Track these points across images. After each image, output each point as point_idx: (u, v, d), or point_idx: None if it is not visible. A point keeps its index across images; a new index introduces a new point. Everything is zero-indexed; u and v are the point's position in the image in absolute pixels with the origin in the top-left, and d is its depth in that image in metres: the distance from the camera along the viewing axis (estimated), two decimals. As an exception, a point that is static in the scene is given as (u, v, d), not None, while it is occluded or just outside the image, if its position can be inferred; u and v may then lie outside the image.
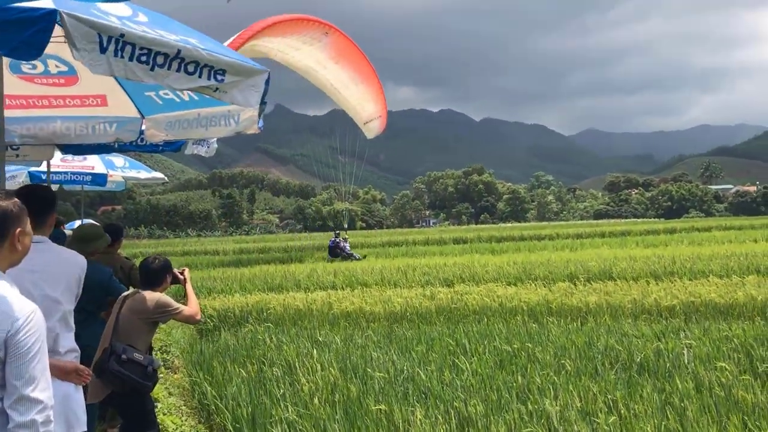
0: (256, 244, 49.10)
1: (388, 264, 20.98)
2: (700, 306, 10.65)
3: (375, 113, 27.81)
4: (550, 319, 10.42)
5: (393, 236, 54.93)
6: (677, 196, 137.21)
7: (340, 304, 11.90)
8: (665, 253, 21.10)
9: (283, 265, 24.90)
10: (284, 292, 14.72)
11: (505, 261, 19.78)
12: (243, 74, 3.64)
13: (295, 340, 9.12)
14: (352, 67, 26.64)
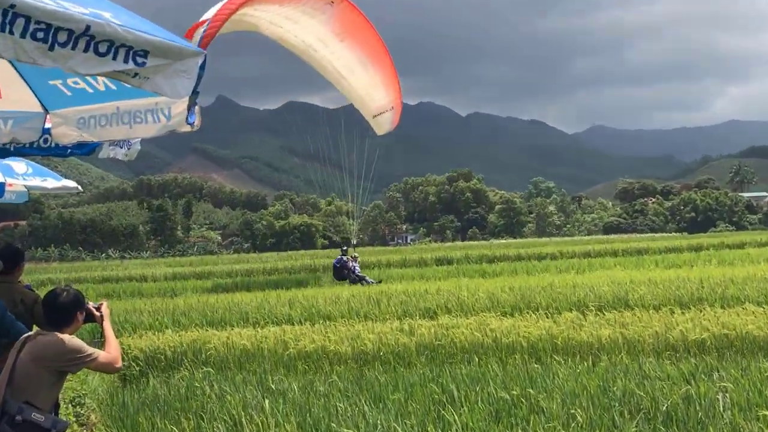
0: (194, 267, 48.62)
1: (357, 292, 20.85)
2: (736, 340, 10.70)
3: (387, 104, 27.71)
4: (556, 358, 10.38)
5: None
6: (702, 205, 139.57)
7: (297, 342, 11.74)
8: (691, 275, 21.29)
9: (227, 294, 24.61)
10: (228, 328, 14.50)
11: (499, 286, 19.76)
12: (170, 56, 3.49)
13: (241, 389, 8.95)
14: (360, 46, 26.41)
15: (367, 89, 26.85)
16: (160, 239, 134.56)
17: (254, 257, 73.00)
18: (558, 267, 32.79)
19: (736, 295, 15.33)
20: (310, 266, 42.58)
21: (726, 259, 32.95)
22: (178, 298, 24.56)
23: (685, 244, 49.02)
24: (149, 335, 13.64)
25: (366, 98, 27.10)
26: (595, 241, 72.94)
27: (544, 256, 43.74)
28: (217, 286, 31.56)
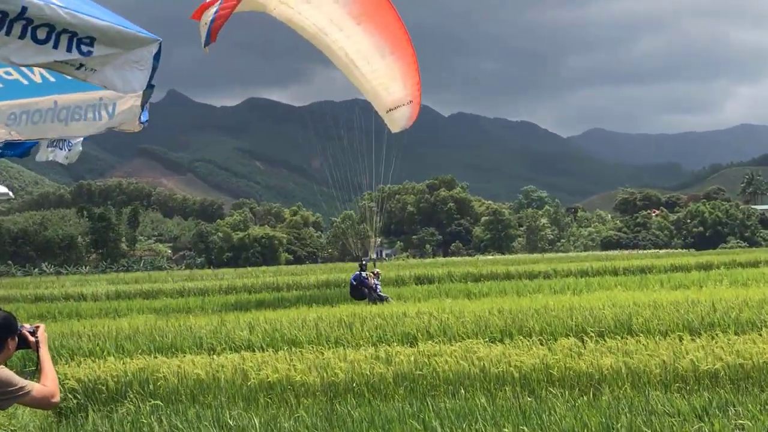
0: (140, 285, 48.20)
1: (326, 314, 20.75)
2: (753, 371, 10.75)
3: (405, 97, 27.58)
4: (552, 391, 10.37)
5: (331, 273, 54.61)
6: (711, 219, 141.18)
7: (258, 371, 11.64)
8: (700, 297, 21.47)
9: (179, 316, 24.42)
10: (179, 355, 14.36)
11: (486, 308, 19.78)
12: (121, 44, 3.41)
13: (195, 425, 8.85)
14: (379, 31, 26.23)
15: (383, 80, 26.68)
16: (102, 252, 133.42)
17: (209, 274, 72.57)
18: (552, 287, 32.92)
19: (752, 320, 15.46)
20: (273, 284, 42.39)
21: (739, 279, 33.28)
22: (121, 320, 24.33)
23: (693, 262, 49.49)
24: (89, 363, 13.46)
25: (380, 90, 26.94)
26: (593, 258, 73.39)
27: (536, 275, 43.89)
28: (167, 307, 31.30)
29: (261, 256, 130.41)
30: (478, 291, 32.42)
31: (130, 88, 3.65)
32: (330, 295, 33.77)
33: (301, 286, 41.87)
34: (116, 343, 16.14)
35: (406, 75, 26.69)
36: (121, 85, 3.58)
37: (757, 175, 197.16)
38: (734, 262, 49.09)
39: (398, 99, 27.23)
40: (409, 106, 27.73)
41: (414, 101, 27.69)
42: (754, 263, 48.60)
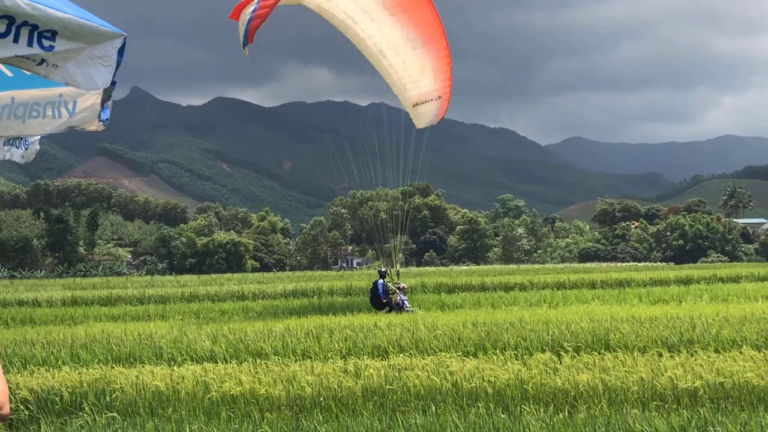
0: (98, 291, 47.73)
1: (294, 324, 20.67)
2: (733, 390, 10.84)
3: (434, 91, 27.36)
4: (526, 408, 10.38)
5: (300, 282, 54.41)
6: (692, 232, 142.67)
7: (221, 384, 11.55)
8: (680, 312, 21.63)
9: (138, 324, 24.21)
10: (138, 366, 14.21)
11: (460, 321, 19.78)
12: (84, 38, 3.36)
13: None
14: (412, 23, 26.04)
15: (412, 72, 26.52)
16: (59, 256, 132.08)
17: (171, 280, 72.07)
18: (528, 299, 33.04)
19: (732, 337, 15.58)
20: (238, 293, 42.18)
21: (719, 294, 33.59)
22: (78, 327, 24.09)
23: (673, 276, 49.88)
24: (42, 372, 13.30)
25: (408, 83, 26.77)
26: (570, 270, 73.81)
27: (512, 287, 44.02)
28: (126, 315, 31.04)
29: (226, 263, 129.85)
30: (451, 303, 32.46)
31: (94, 85, 3.61)
32: (298, 305, 33.64)
33: (267, 295, 41.68)
34: (71, 352, 15.95)
35: (437, 69, 26.61)
36: (84, 82, 3.54)
37: (739, 188, 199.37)
38: (715, 277, 49.56)
39: (426, 93, 27.12)
40: (437, 102, 27.62)
41: (443, 97, 27.56)
42: (735, 278, 49.09)
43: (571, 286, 44.86)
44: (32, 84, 5.53)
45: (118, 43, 3.56)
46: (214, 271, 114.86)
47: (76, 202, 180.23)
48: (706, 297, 32.39)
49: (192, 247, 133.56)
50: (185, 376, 12.25)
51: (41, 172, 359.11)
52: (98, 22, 3.47)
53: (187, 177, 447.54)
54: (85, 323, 27.53)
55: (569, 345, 15.13)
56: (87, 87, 3.64)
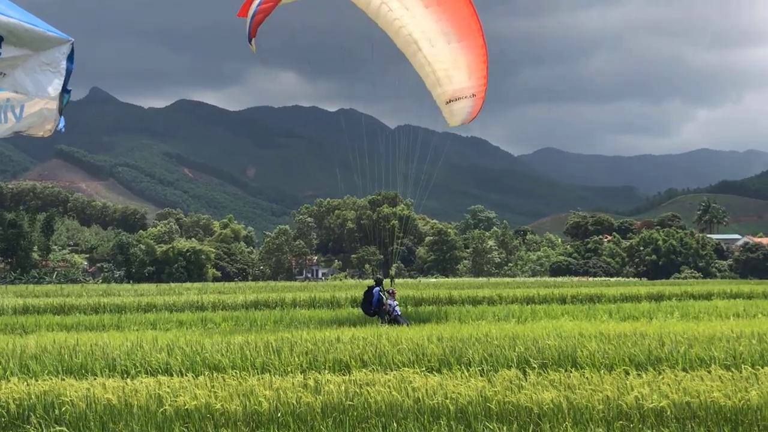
0: (51, 299, 47.26)
1: (253, 337, 20.60)
2: (699, 409, 10.97)
3: (468, 88, 27.07)
4: (489, 426, 10.44)
5: (261, 293, 54.19)
6: (665, 247, 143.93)
7: (175, 397, 11.50)
8: (649, 329, 21.83)
9: (92, 334, 24.01)
10: (90, 377, 14.11)
11: (425, 335, 19.83)
12: (30, 44, 3.38)
13: (102, 456, 8.69)
14: (448, 16, 25.77)
15: (446, 66, 26.30)
16: (11, 262, 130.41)
17: (128, 289, 71.48)
18: (496, 314, 33.17)
19: (701, 356, 15.77)
20: (197, 303, 41.93)
21: (690, 311, 33.95)
22: (28, 337, 23.82)
23: (644, 292, 50.28)
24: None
25: (442, 78, 26.56)
26: (541, 285, 74.16)
27: (480, 300, 44.16)
28: (80, 324, 30.76)
29: (186, 272, 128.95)
30: (417, 315, 32.49)
31: (44, 92, 3.62)
32: (258, 317, 33.52)
33: (227, 306, 41.45)
34: (21, 363, 15.79)
35: (472, 66, 26.43)
36: (34, 89, 3.56)
37: (713, 203, 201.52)
38: (686, 294, 50.05)
39: (459, 90, 26.94)
40: (470, 100, 27.42)
41: (477, 95, 27.35)
42: (706, 295, 49.60)
43: (541, 300, 45.10)
44: (-23, 89, 5.52)
45: (65, 49, 3.58)
46: (174, 280, 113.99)
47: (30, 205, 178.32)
48: (677, 314, 32.72)
49: (151, 254, 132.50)
50: (138, 389, 12.18)
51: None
52: (45, 27, 3.48)
53: (148, 181, 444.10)
54: (36, 333, 27.24)
55: (536, 362, 15.23)
56: (37, 94, 3.66)
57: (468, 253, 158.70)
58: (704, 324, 25.21)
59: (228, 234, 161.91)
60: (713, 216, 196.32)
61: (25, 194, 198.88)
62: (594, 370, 14.30)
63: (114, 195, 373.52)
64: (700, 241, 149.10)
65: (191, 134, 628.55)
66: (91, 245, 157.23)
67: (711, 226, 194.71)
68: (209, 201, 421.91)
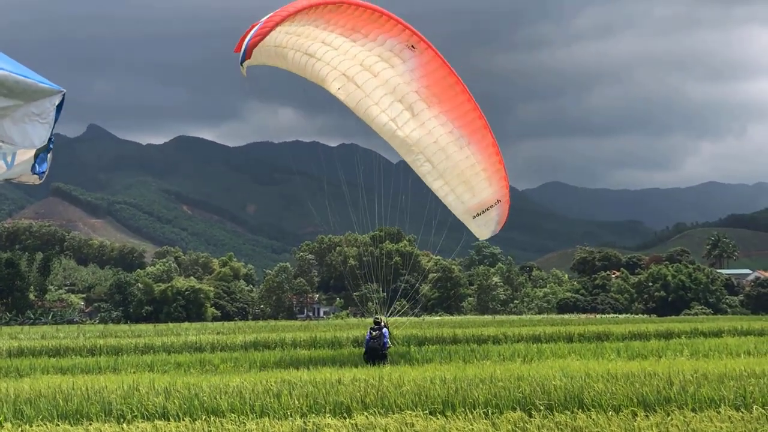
0: (47, 341, 47.15)
1: (252, 379, 20.52)
2: (708, 452, 10.91)
3: (491, 197, 26.12)
4: (493, 471, 10.38)
5: (261, 333, 54.03)
6: (674, 283, 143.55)
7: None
8: (658, 368, 21.76)
9: (88, 377, 23.93)
10: (85, 423, 14.07)
11: (428, 376, 19.77)
12: (21, 96, 3.42)
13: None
14: (454, 115, 24.56)
15: (466, 179, 25.25)
16: (7, 303, 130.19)
17: (125, 330, 71.32)
18: (501, 353, 33.05)
19: (710, 396, 15.70)
20: (195, 344, 41.80)
21: (700, 349, 33.83)
22: (23, 380, 23.77)
23: (653, 330, 50.11)
24: (-19, 430, 13.12)
25: (464, 193, 25.49)
26: (547, 322, 73.96)
27: (485, 339, 44.02)
28: (75, 367, 30.67)
29: (185, 311, 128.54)
30: (420, 356, 32.39)
31: (29, 143, 3.67)
32: (259, 358, 33.42)
33: (227, 347, 41.32)
34: (15, 408, 15.73)
35: (490, 169, 25.61)
36: (20, 140, 3.60)
37: (723, 237, 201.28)
38: (696, 331, 49.88)
39: (484, 201, 26.11)
40: (497, 207, 26.51)
41: (503, 200, 26.52)
42: (716, 332, 49.41)
43: (547, 339, 44.93)
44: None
45: (56, 100, 3.62)
46: (173, 320, 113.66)
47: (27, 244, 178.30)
48: (687, 352, 32.59)
49: (149, 294, 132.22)
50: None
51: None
52: (37, 78, 3.53)
53: (146, 219, 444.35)
54: (31, 376, 27.16)
55: (541, 403, 15.17)
56: (23, 145, 3.70)
57: (473, 291, 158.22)
58: (714, 362, 25.13)
59: (227, 272, 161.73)
60: (723, 250, 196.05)
61: (21, 233, 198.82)
62: (601, 411, 14.25)
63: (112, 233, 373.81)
64: (710, 276, 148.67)
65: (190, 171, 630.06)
66: (88, 284, 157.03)
67: (721, 260, 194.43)
68: (208, 238, 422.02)
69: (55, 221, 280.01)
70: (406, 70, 24.39)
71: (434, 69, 25.19)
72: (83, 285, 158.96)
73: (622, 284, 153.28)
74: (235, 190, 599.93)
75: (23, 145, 3.62)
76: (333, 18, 24.33)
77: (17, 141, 3.56)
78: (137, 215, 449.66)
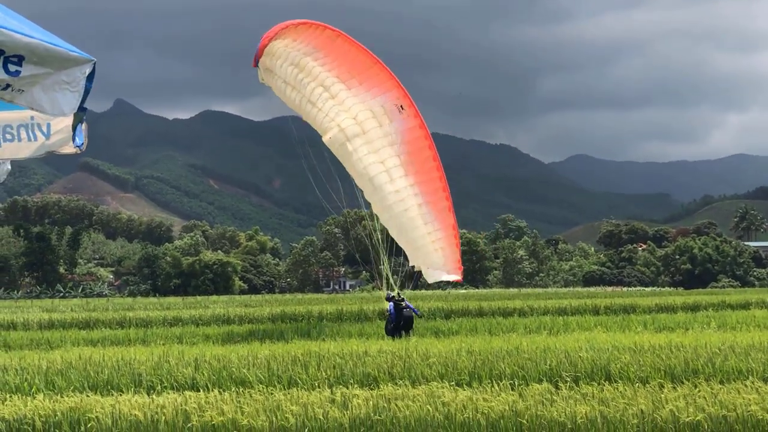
0: (77, 313, 47.62)
1: (281, 350, 20.65)
2: (737, 423, 10.88)
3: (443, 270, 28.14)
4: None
5: (288, 306, 54.28)
6: (701, 255, 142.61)
7: (202, 413, 11.56)
8: (685, 341, 21.68)
9: (117, 349, 24.17)
10: (115, 393, 14.21)
11: (455, 348, 19.83)
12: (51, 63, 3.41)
13: (128, 473, 8.76)
14: (425, 189, 26.16)
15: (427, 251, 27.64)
16: (37, 276, 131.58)
17: (154, 303, 71.88)
18: (527, 326, 33.05)
19: (738, 368, 15.65)
20: (223, 317, 42.08)
21: (727, 322, 33.65)
22: (54, 352, 24.04)
23: (680, 302, 49.89)
24: (15, 400, 13.27)
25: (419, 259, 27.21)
26: (573, 295, 73.79)
27: (510, 312, 44.04)
28: (105, 339, 30.99)
29: (212, 284, 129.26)
30: (447, 329, 32.43)
31: (59, 111, 3.66)
32: (285, 330, 33.59)
33: (254, 319, 41.57)
34: (46, 379, 15.93)
35: (448, 249, 27.32)
36: (50, 108, 3.59)
37: (751, 210, 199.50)
38: (723, 303, 49.58)
39: (437, 271, 27.64)
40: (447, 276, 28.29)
41: (455, 274, 28.11)
42: (744, 305, 49.10)
43: (573, 311, 44.87)
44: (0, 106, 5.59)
45: (87, 69, 3.62)
46: (200, 293, 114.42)
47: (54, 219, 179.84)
48: (714, 324, 32.44)
49: (177, 267, 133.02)
50: (165, 405, 12.23)
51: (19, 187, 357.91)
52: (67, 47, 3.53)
53: (173, 194, 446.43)
54: (62, 348, 27.47)
55: (568, 375, 15.19)
56: (52, 112, 3.70)
57: (498, 264, 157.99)
58: (742, 334, 25.01)
59: (254, 246, 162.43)
60: (751, 223, 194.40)
61: (51, 207, 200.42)
62: (628, 383, 14.22)
63: (139, 207, 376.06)
64: (738, 249, 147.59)
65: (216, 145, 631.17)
66: (116, 258, 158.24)
67: (748, 233, 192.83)
68: (235, 212, 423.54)
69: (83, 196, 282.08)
70: (392, 132, 25.26)
71: (416, 138, 26.11)
72: (112, 259, 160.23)
73: (649, 257, 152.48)
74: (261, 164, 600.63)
75: (53, 112, 3.62)
76: (331, 54, 25.04)
77: (47, 109, 3.56)
78: (164, 189, 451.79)
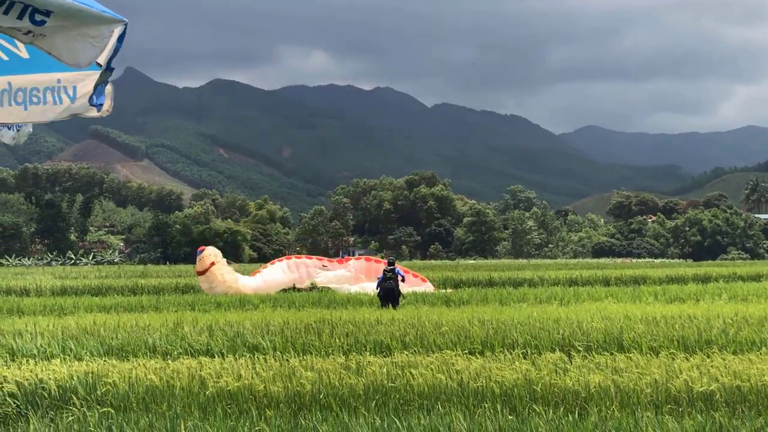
0: (89, 280, 47.90)
1: (293, 317, 20.74)
2: (750, 393, 10.89)
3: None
4: (535, 409, 10.44)
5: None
6: (711, 227, 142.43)
7: (217, 379, 11.62)
8: (697, 311, 21.67)
9: (131, 315, 24.27)
10: (131, 359, 14.30)
11: (466, 317, 19.85)
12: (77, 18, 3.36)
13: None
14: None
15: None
16: (48, 243, 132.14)
17: (165, 270, 72.20)
18: (538, 296, 33.06)
19: (751, 338, 15.65)
20: (234, 284, 42.19)
21: (739, 293, 33.57)
22: (68, 318, 24.17)
23: (691, 274, 49.94)
24: (30, 364, 13.36)
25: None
26: (583, 266, 73.92)
27: (521, 282, 44.12)
28: (118, 305, 31.12)
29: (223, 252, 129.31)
30: (457, 298, 32.47)
31: (75, 61, 3.60)
32: (296, 298, 33.70)
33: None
34: (61, 344, 16.02)
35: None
36: (67, 57, 3.53)
37: (762, 182, 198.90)
38: (734, 275, 49.58)
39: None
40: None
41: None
42: (755, 277, 49.10)
43: (584, 282, 44.95)
44: (28, 69, 5.57)
45: (116, 29, 3.57)
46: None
47: (65, 186, 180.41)
48: (725, 296, 32.37)
49: (188, 235, 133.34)
50: (180, 370, 12.32)
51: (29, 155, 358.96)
52: (99, 8, 3.49)
53: (183, 162, 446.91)
54: (75, 314, 27.60)
55: (580, 344, 15.20)
56: (68, 62, 3.63)
57: (507, 234, 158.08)
58: (754, 306, 24.95)
59: (264, 215, 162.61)
60: (761, 195, 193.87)
61: (61, 175, 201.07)
62: (640, 353, 14.25)
63: (149, 176, 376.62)
64: (748, 221, 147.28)
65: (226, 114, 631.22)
66: (127, 226, 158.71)
67: (759, 205, 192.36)
68: (244, 181, 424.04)
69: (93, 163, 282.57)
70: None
71: None
72: (122, 226, 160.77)
73: (659, 229, 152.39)
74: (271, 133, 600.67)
75: (69, 62, 3.55)
76: None
77: (64, 56, 3.49)
78: (175, 158, 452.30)
